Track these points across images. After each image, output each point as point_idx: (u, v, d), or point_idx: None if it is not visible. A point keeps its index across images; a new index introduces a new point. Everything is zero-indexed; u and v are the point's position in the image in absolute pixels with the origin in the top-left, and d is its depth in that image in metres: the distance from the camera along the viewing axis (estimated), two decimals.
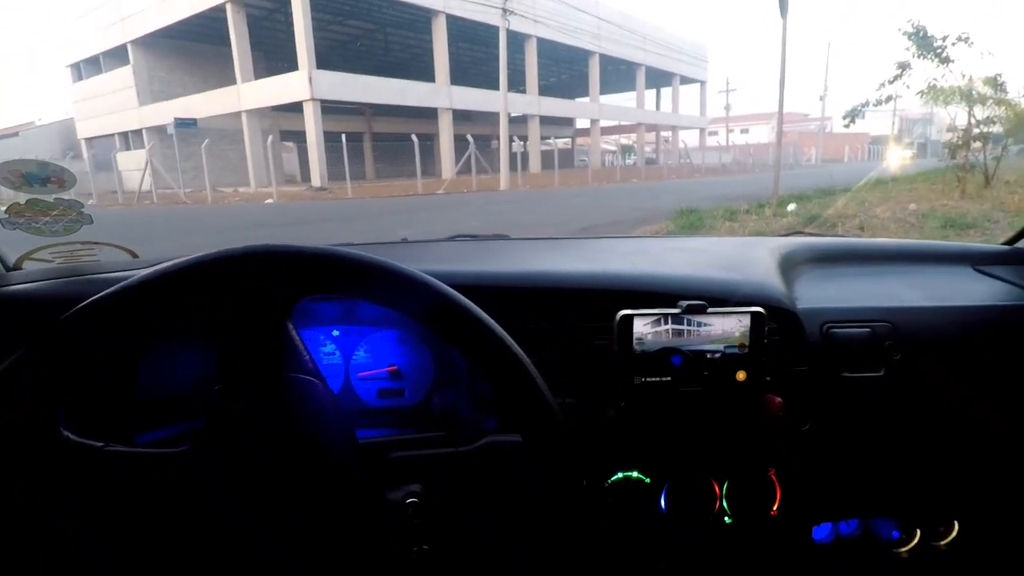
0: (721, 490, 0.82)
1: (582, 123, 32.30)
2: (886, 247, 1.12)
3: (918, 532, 0.98)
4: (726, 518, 0.82)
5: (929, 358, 0.87)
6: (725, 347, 0.76)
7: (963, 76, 9.39)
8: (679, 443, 0.80)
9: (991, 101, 9.56)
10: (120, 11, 21.45)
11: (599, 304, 0.78)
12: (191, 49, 22.41)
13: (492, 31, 17.86)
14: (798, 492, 0.84)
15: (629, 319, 0.74)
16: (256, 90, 18.78)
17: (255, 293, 0.52)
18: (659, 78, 31.86)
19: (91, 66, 25.10)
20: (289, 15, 17.45)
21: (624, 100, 32.53)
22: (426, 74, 20.97)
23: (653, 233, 6.30)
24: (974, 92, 9.47)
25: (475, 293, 0.56)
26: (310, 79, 17.19)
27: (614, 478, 0.79)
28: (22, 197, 0.85)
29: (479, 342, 0.53)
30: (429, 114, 21.37)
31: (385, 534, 0.54)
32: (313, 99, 17.43)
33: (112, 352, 0.51)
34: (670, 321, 0.75)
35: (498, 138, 17.46)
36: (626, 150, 32.78)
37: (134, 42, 21.57)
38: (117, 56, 22.83)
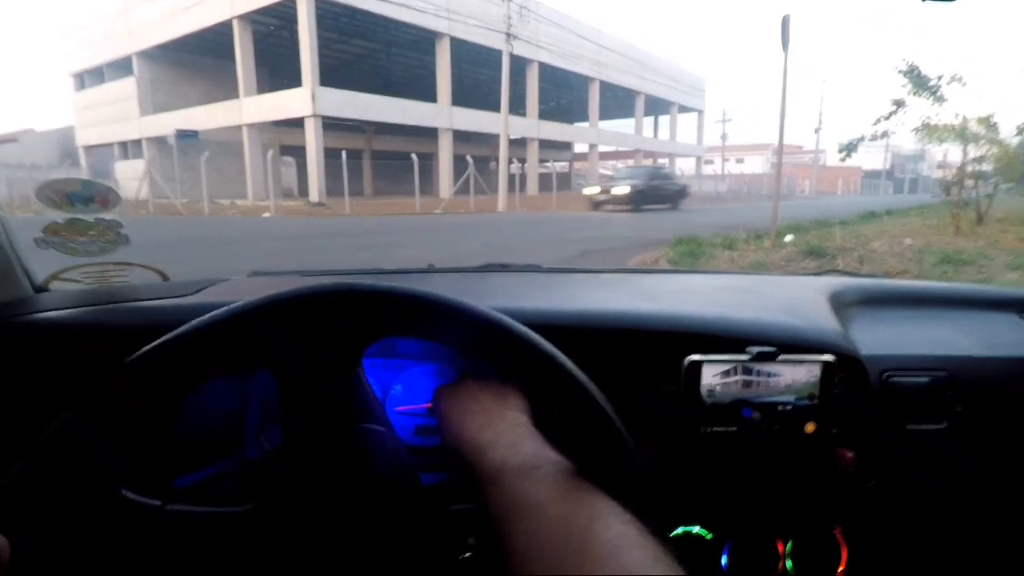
0: (785, 549, 0.78)
1: (580, 147, 32.65)
2: (932, 290, 1.09)
3: None
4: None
5: (990, 410, 0.83)
6: (796, 398, 0.73)
7: (956, 115, 9.60)
8: (744, 498, 0.76)
9: (983, 140, 9.76)
10: (127, 22, 21.63)
11: (663, 347, 0.74)
12: (195, 62, 22.57)
13: (495, 54, 18.13)
14: (864, 552, 0.80)
15: (698, 364, 0.71)
16: (258, 105, 18.89)
17: (328, 335, 0.50)
18: (657, 106, 32.37)
19: (94, 76, 25.21)
20: (294, 32, 17.64)
21: (622, 126, 33.00)
22: (428, 94, 21.18)
23: (654, 261, 6.33)
24: (967, 131, 9.67)
25: (544, 331, 0.53)
26: (313, 96, 17.33)
27: (675, 532, 0.76)
28: (60, 216, 0.83)
29: (568, 394, 0.51)
30: (429, 134, 21.54)
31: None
32: (315, 115, 17.54)
33: (163, 396, 0.48)
34: (740, 369, 0.72)
35: (497, 160, 17.63)
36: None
37: (139, 53, 21.70)
38: (121, 66, 22.96)
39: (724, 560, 0.77)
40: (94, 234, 0.85)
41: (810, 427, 0.73)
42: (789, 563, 0.78)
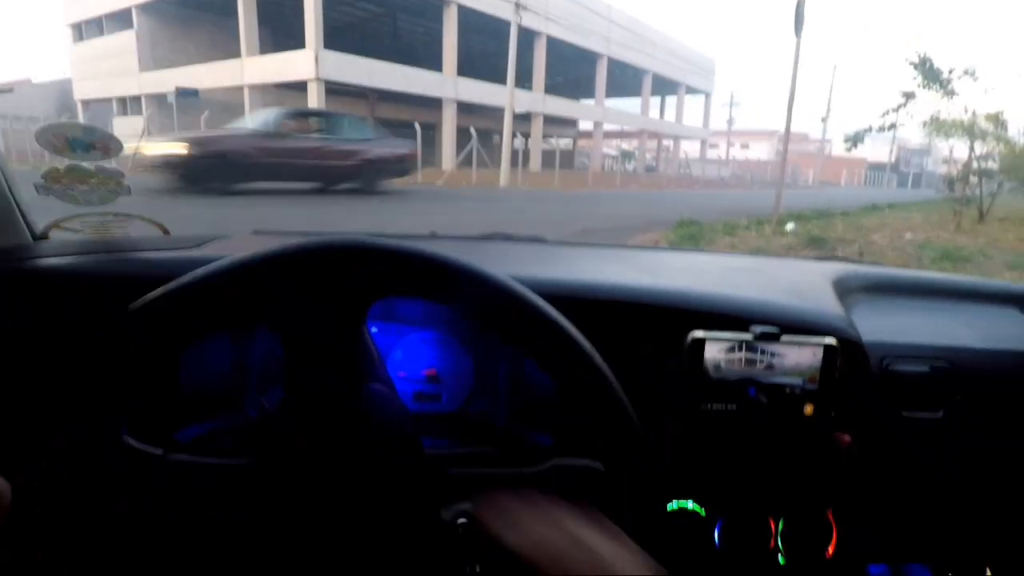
0: (777, 528, 0.79)
1: (585, 125, 32.28)
2: (936, 281, 1.09)
3: None
4: (780, 557, 0.79)
5: (988, 402, 0.84)
6: (802, 380, 0.72)
7: (966, 110, 9.51)
8: (739, 476, 0.77)
9: (991, 137, 9.69)
10: None
11: (666, 322, 0.75)
12: (197, 18, 22.05)
13: (503, 25, 17.76)
14: (855, 533, 0.81)
15: (701, 342, 0.71)
16: (260, 65, 18.51)
17: (335, 290, 0.49)
18: (665, 86, 31.92)
19: (93, 27, 24.61)
20: None
21: (628, 105, 32.60)
22: (433, 63, 20.82)
23: (654, 242, 6.32)
24: (976, 127, 9.59)
25: (547, 299, 0.53)
26: (316, 58, 17.00)
27: (670, 507, 0.76)
28: (60, 162, 0.81)
29: (572, 361, 0.51)
30: (433, 104, 21.24)
31: (437, 554, 0.52)
32: (318, 79, 17.24)
33: (165, 345, 0.48)
34: (744, 351, 0.71)
35: (500, 133, 17.34)
36: (626, 155, 32.81)
37: (139, 6, 21.17)
38: (120, 19, 22.40)
39: (716, 537, 0.78)
40: (95, 182, 0.84)
41: (809, 409, 0.73)
42: (780, 542, 0.79)
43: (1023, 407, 0.85)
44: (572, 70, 29.38)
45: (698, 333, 0.71)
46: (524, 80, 22.30)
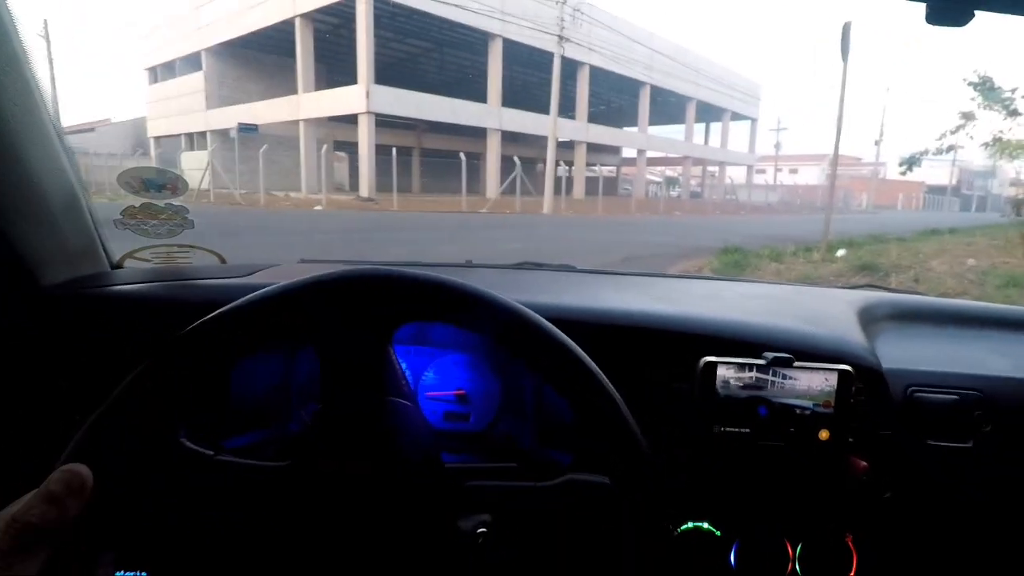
0: (794, 552, 0.79)
1: (628, 152, 32.31)
2: (970, 309, 1.08)
3: None
4: None
5: (1021, 432, 0.82)
6: (813, 404, 0.74)
7: None
8: (754, 498, 0.77)
9: None
10: (198, 20, 22.74)
11: (680, 348, 0.77)
12: (258, 59, 23.53)
13: (546, 56, 18.16)
14: (875, 561, 0.81)
15: (713, 366, 0.73)
16: (315, 101, 19.53)
17: (363, 315, 0.55)
18: (709, 112, 31.70)
19: (166, 70, 26.60)
20: (353, 31, 18.16)
21: (672, 132, 32.50)
22: (478, 94, 21.42)
23: (698, 269, 6.24)
24: None
25: (564, 326, 0.57)
26: (367, 93, 17.79)
27: (684, 527, 0.77)
28: (136, 200, 0.92)
29: (578, 383, 0.55)
30: (478, 133, 21.77)
31: (455, 564, 0.55)
32: (368, 112, 18.00)
33: (218, 362, 0.55)
34: (755, 372, 0.73)
35: (544, 161, 17.60)
36: (671, 182, 32.58)
37: (208, 49, 22.78)
38: (191, 62, 24.14)
39: (732, 558, 0.78)
40: (164, 218, 0.94)
41: (824, 434, 0.74)
42: (798, 566, 0.79)
43: None
44: (615, 98, 29.61)
45: (710, 358, 0.73)
46: (568, 109, 22.64)
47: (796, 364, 0.73)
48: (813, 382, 0.74)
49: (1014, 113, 9.04)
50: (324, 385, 0.56)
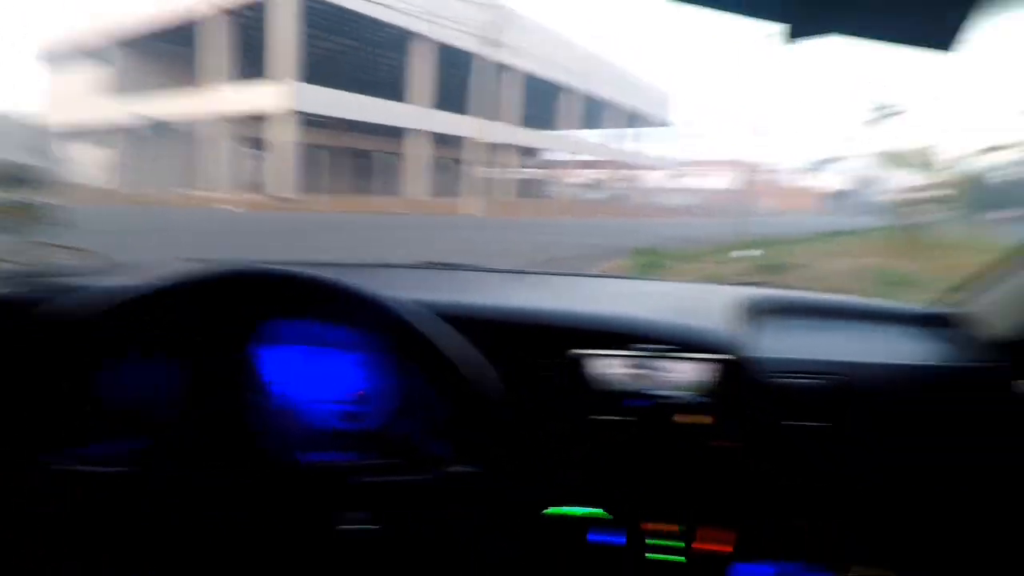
0: (674, 530, 0.83)
1: (554, 155, 32.89)
2: (834, 303, 1.17)
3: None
4: (677, 558, 0.84)
5: (874, 412, 0.90)
6: (689, 392, 0.78)
7: (914, 143, 10.03)
8: (634, 482, 0.81)
9: (935, 170, 10.22)
10: (102, 8, 21.00)
11: (563, 341, 0.80)
12: (168, 51, 22.00)
13: (473, 59, 18.18)
14: (748, 535, 0.86)
15: (593, 358, 0.76)
16: (229, 96, 18.50)
17: (227, 312, 0.54)
18: (633, 119, 32.86)
19: (66, 59, 24.35)
20: (271, 25, 17.38)
21: (596, 136, 33.38)
22: (404, 94, 21.08)
23: (614, 270, 6.44)
24: (922, 160, 10.11)
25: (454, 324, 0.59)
26: (286, 90, 17.09)
27: (561, 511, 0.80)
28: None
29: (444, 374, 0.57)
30: (403, 134, 21.46)
31: (333, 560, 0.55)
32: (287, 110, 17.29)
33: (77, 364, 0.52)
34: (632, 364, 0.77)
35: (470, 163, 17.60)
36: (595, 185, 33.45)
37: (112, 39, 21.07)
38: (94, 52, 22.22)
39: (613, 539, 0.82)
40: (28, 214, 0.87)
41: (696, 420, 0.78)
42: (677, 543, 0.83)
43: (916, 417, 0.92)
44: (542, 102, 30.08)
45: (590, 350, 0.76)
46: (494, 112, 22.74)
47: (674, 355, 0.77)
48: (683, 371, 0.78)
49: (898, 129, 9.95)
50: (185, 387, 0.54)
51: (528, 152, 29.01)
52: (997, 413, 0.92)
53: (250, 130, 20.11)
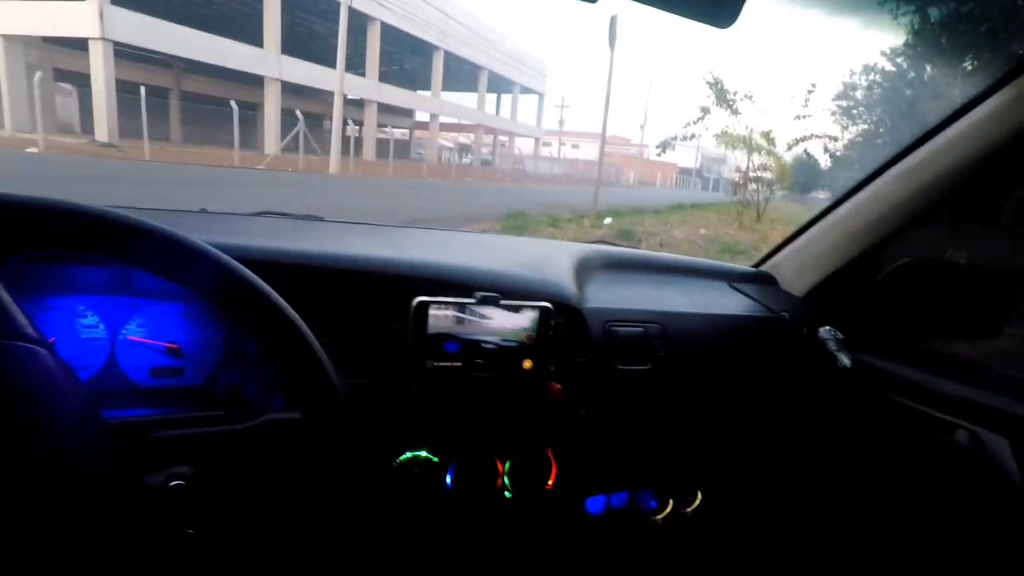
0: (504, 468, 0.91)
1: (421, 116, 32.05)
2: (665, 261, 1.28)
3: (671, 502, 1.13)
4: (507, 493, 0.91)
5: (687, 355, 1.02)
6: (515, 337, 0.83)
7: (746, 127, 11.13)
8: (467, 424, 0.86)
9: (764, 152, 11.46)
10: None
11: (398, 290, 0.80)
12: None
13: (332, 5, 16.81)
14: (573, 469, 0.96)
15: (425, 305, 0.78)
16: (23, 11, 15.20)
17: None
18: (500, 84, 32.91)
19: None
20: None
21: (465, 100, 33.03)
22: (254, 37, 19.01)
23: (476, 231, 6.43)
24: (753, 142, 11.27)
25: (275, 271, 0.60)
26: (101, 13, 14.49)
27: (403, 457, 0.84)
28: None
29: (264, 318, 0.54)
30: (254, 81, 19.45)
31: (142, 520, 0.53)
32: (104, 38, 14.74)
33: None
34: (465, 310, 0.80)
35: (331, 119, 16.40)
36: (463, 149, 33.28)
37: None
38: None
39: (449, 480, 0.88)
40: None
41: (527, 363, 0.84)
42: (507, 480, 0.91)
43: (717, 358, 1.06)
44: (409, 60, 28.96)
45: (422, 297, 0.78)
46: (357, 65, 21.40)
47: (503, 303, 0.81)
48: (518, 318, 0.83)
49: (735, 112, 10.95)
50: None
51: (396, 111, 27.88)
52: (791, 354, 1.09)
53: (55, 58, 16.98)
